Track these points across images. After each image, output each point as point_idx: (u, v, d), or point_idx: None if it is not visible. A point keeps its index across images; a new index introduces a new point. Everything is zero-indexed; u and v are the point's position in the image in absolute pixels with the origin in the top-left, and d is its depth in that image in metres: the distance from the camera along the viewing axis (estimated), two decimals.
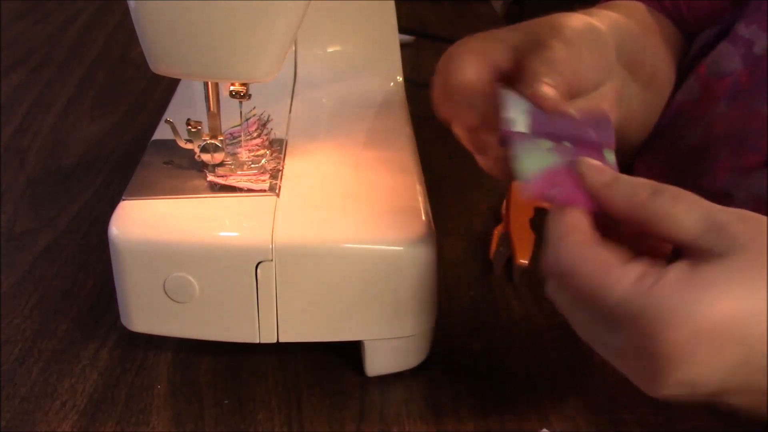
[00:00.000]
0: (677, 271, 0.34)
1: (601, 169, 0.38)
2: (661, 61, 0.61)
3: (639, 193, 0.37)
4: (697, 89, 0.61)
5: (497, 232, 0.64)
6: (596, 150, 0.42)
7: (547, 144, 0.41)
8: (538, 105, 0.42)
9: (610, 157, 0.42)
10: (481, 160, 0.47)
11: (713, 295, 0.33)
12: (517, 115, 0.42)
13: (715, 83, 0.60)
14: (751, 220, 0.35)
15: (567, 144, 0.42)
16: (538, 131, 0.42)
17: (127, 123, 0.85)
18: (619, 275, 0.35)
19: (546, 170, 0.39)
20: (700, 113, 0.61)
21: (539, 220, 0.68)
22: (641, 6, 0.70)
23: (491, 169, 0.47)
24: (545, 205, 0.54)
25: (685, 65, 0.66)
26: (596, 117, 0.44)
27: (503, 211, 0.68)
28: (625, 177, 0.38)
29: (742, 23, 0.59)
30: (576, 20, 0.47)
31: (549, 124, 0.42)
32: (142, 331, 0.49)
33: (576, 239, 0.37)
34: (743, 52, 0.58)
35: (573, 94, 0.44)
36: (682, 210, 0.36)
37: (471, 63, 0.45)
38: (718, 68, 0.60)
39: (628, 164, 0.64)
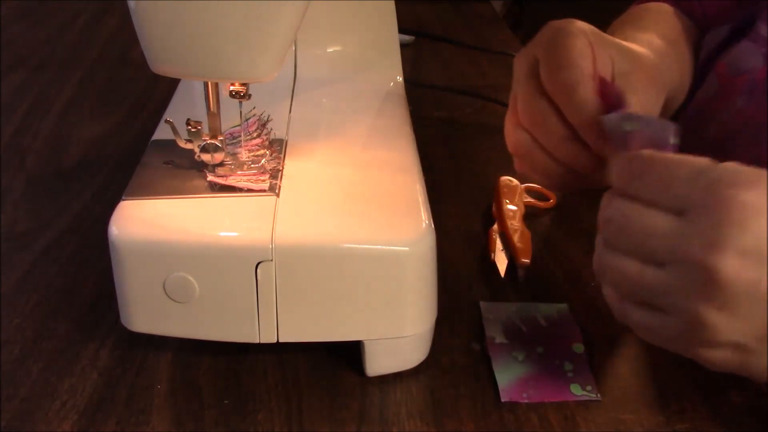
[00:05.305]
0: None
1: None
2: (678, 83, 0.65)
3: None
4: (715, 86, 0.63)
5: (493, 232, 0.64)
6: (566, 347, 0.53)
7: (521, 354, 0.52)
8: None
9: (579, 349, 0.53)
10: (523, 154, 0.50)
11: None
12: (496, 332, 0.54)
13: (734, 80, 0.61)
14: None
15: (540, 350, 0.52)
16: (514, 342, 0.53)
17: (127, 123, 0.85)
18: (692, 158, 0.38)
19: (518, 380, 0.50)
20: (717, 108, 0.62)
21: (535, 218, 0.68)
22: (668, 9, 0.73)
23: (527, 170, 0.51)
24: (533, 202, 0.64)
25: (700, 61, 0.68)
26: (561, 318, 0.56)
27: (494, 212, 0.68)
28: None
29: (763, 24, 0.61)
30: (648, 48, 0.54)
31: (523, 335, 0.54)
32: (142, 331, 0.49)
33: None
34: (765, 51, 0.60)
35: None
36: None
37: (587, 55, 0.46)
38: (738, 66, 0.62)
39: None
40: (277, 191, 0.50)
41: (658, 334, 0.40)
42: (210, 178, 0.51)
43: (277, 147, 0.55)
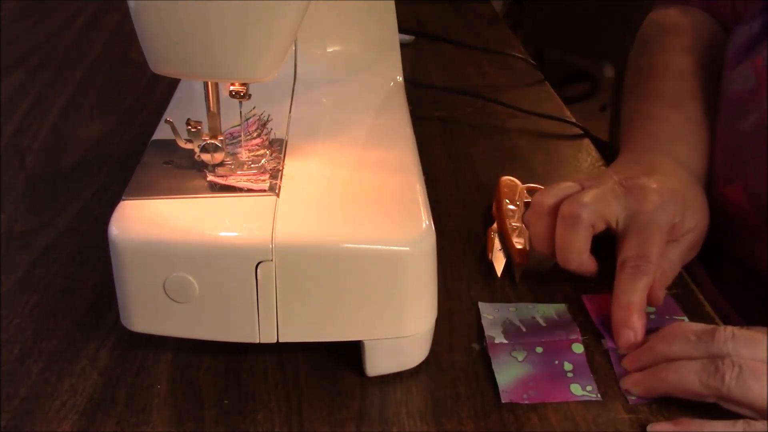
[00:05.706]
0: None
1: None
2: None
3: None
4: (753, 80, 0.64)
5: (491, 232, 0.64)
6: (566, 348, 0.53)
7: (521, 355, 0.52)
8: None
9: (579, 349, 0.53)
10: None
11: None
12: (495, 332, 0.54)
13: None
14: None
15: (539, 350, 0.53)
16: (515, 341, 0.53)
17: (127, 123, 0.85)
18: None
19: (518, 380, 0.50)
20: (754, 102, 0.63)
21: None
22: (677, 13, 0.78)
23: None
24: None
25: (730, 55, 0.69)
26: (560, 318, 0.56)
27: (494, 212, 0.68)
28: None
29: None
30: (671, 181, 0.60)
31: (522, 335, 0.54)
32: (142, 331, 0.49)
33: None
34: None
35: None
36: None
37: (586, 239, 0.57)
38: None
39: None
40: (277, 191, 0.50)
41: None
42: (210, 178, 0.51)
43: (277, 147, 0.55)
